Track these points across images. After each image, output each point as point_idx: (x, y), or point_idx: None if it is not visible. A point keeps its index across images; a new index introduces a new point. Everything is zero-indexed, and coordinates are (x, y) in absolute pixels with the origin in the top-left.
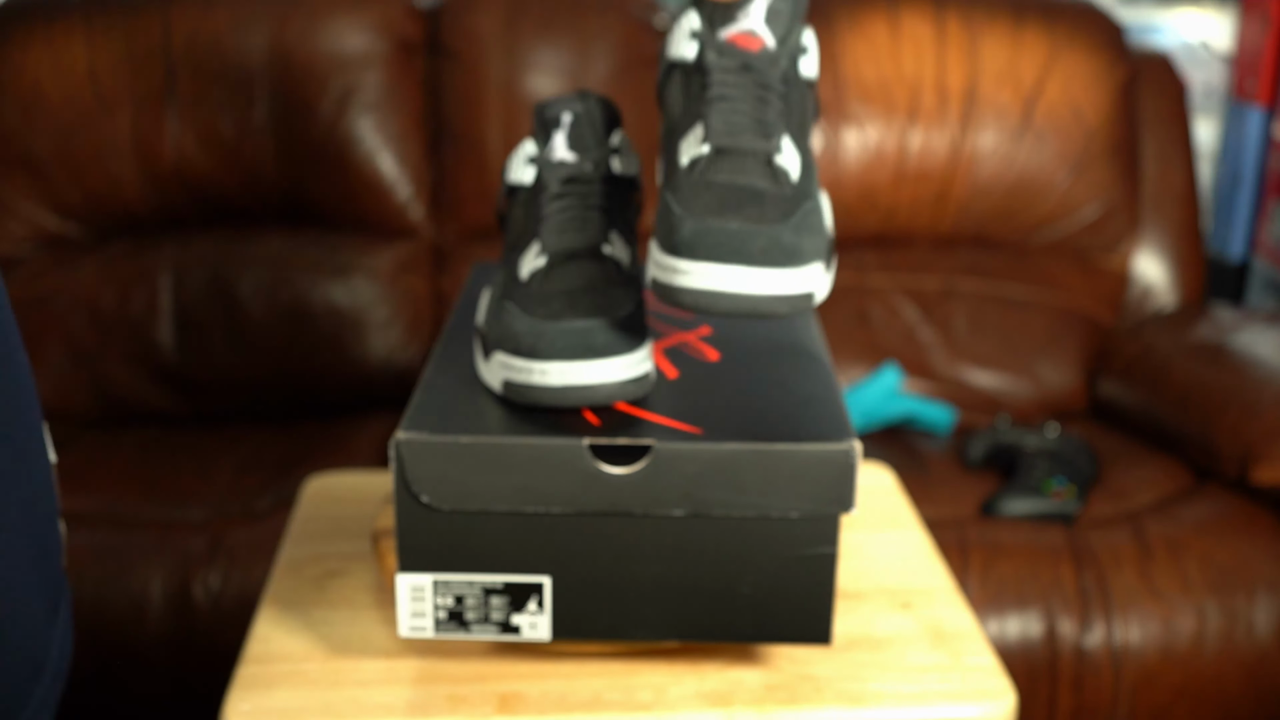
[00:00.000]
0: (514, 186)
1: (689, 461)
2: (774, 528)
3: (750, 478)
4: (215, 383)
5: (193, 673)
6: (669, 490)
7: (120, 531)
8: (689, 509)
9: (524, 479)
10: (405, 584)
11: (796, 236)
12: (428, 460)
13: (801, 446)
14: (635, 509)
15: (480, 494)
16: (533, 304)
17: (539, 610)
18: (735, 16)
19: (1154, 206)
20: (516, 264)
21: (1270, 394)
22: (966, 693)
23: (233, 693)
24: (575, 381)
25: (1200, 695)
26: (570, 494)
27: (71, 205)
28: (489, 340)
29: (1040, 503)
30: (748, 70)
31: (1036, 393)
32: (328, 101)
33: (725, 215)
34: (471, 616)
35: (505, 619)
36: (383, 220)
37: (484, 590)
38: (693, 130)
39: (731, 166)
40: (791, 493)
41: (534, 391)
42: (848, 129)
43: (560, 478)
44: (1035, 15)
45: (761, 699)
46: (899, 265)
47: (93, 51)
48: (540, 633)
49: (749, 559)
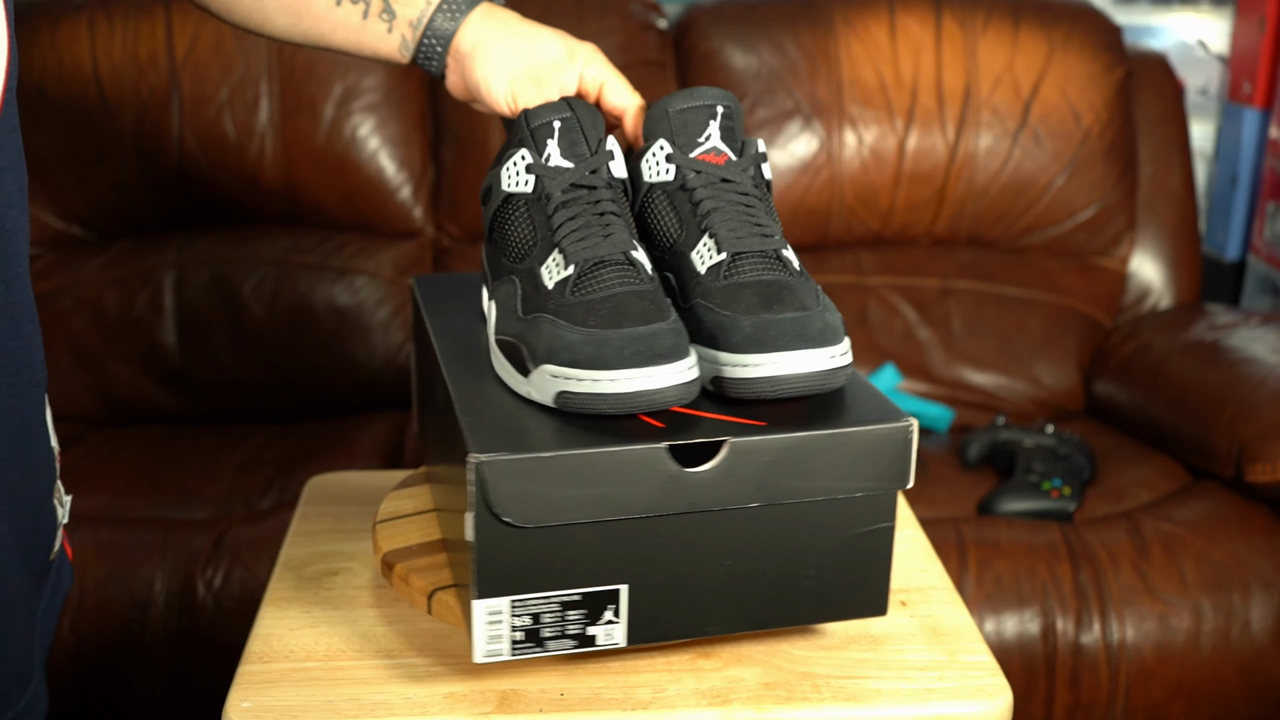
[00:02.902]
0: (510, 195)
1: (762, 453)
2: (839, 509)
3: (820, 463)
4: (218, 382)
5: (195, 670)
6: (744, 484)
7: (123, 530)
8: (763, 500)
9: (606, 488)
10: (482, 610)
11: (833, 315)
12: (510, 479)
13: (866, 428)
14: (711, 505)
15: (564, 508)
16: (577, 314)
17: (616, 618)
18: (698, 141)
19: (1151, 207)
20: (536, 275)
21: (1266, 393)
22: (964, 690)
23: (234, 690)
24: (643, 387)
25: (1196, 692)
26: (651, 498)
27: (75, 206)
28: (532, 354)
29: (1037, 501)
30: (726, 182)
31: (1034, 392)
32: (329, 103)
33: (774, 309)
34: (548, 633)
35: (581, 631)
36: (384, 221)
37: (561, 605)
38: (701, 242)
39: (752, 266)
40: (857, 473)
41: (597, 400)
42: (846, 130)
43: (641, 483)
44: (1032, 17)
45: (760, 697)
46: (897, 266)
47: (96, 53)
48: (616, 640)
49: (815, 542)
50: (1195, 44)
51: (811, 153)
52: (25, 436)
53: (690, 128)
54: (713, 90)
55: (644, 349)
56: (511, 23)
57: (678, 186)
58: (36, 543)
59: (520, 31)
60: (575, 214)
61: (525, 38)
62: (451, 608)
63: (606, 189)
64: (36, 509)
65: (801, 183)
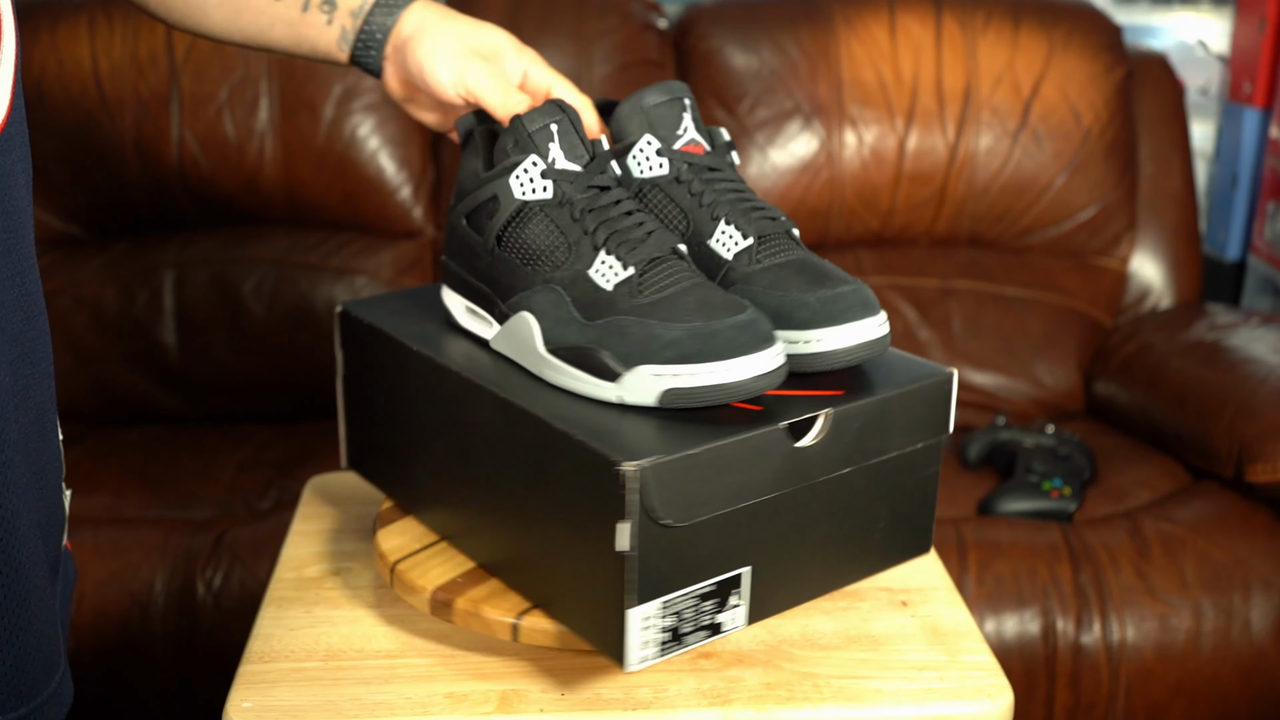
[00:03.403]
0: (526, 204)
1: (855, 418)
2: (904, 462)
3: (896, 421)
4: (217, 382)
5: (195, 670)
6: (841, 450)
7: (123, 530)
8: (855, 463)
9: (741, 475)
10: (637, 617)
11: (868, 288)
12: (668, 481)
13: (924, 383)
14: (817, 476)
15: (708, 501)
16: (662, 311)
17: (739, 602)
18: (677, 134)
19: (1151, 207)
20: (586, 280)
21: (1266, 393)
22: (964, 691)
23: (235, 690)
24: (752, 373)
25: (1196, 692)
26: (774, 478)
27: (75, 206)
28: (620, 357)
29: (1038, 501)
30: (713, 171)
31: (1034, 392)
32: (329, 103)
33: (827, 284)
34: (687, 628)
35: (712, 620)
36: (384, 221)
37: (698, 597)
38: (719, 229)
39: (777, 248)
40: (918, 426)
41: (709, 392)
42: (846, 130)
43: (767, 465)
44: (1033, 16)
45: (760, 697)
46: (897, 266)
47: (96, 53)
48: (739, 624)
49: (887, 496)
50: (1195, 44)
51: (811, 153)
52: (43, 427)
53: (667, 121)
54: (675, 83)
55: (750, 337)
56: (454, 12)
57: (672, 179)
58: (50, 534)
59: (463, 19)
60: (606, 216)
61: (468, 23)
62: (545, 630)
63: (619, 188)
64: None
65: (801, 183)
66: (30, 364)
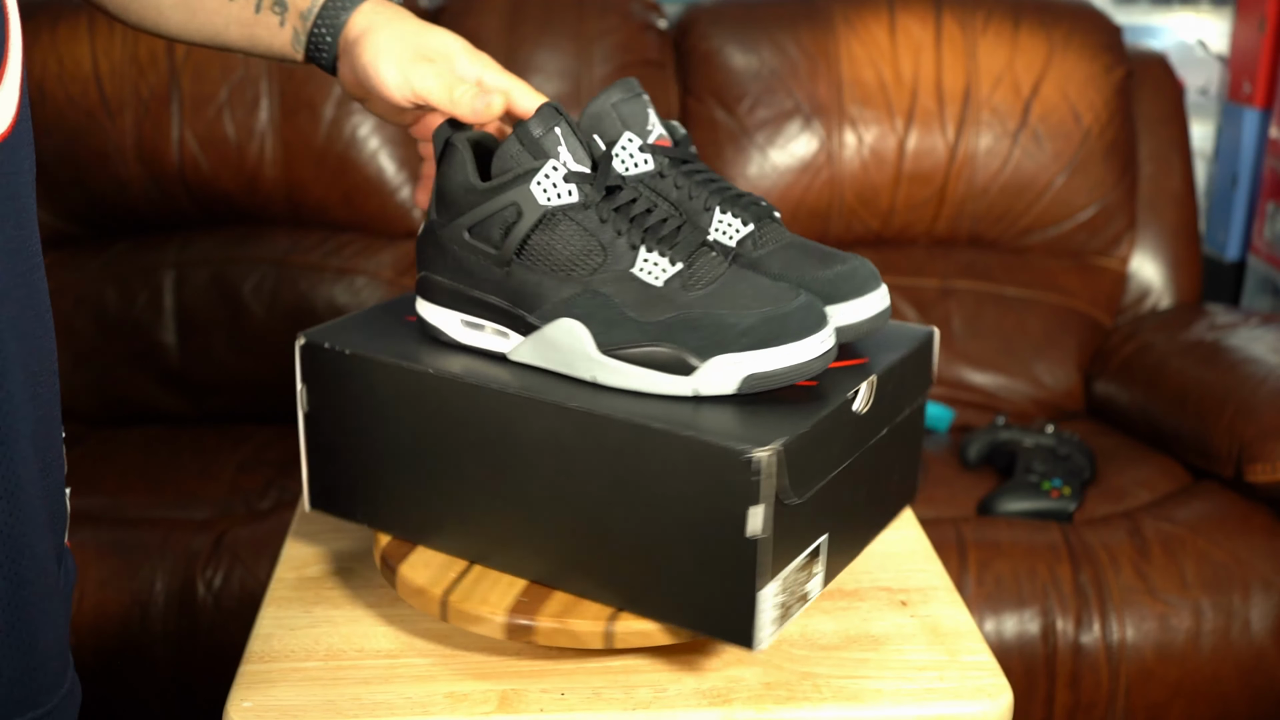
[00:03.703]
0: (550, 211)
1: (890, 380)
2: (910, 418)
3: (909, 382)
4: (218, 382)
5: (195, 670)
6: (881, 413)
7: (124, 530)
8: (887, 424)
9: (831, 447)
10: (768, 596)
11: (869, 261)
12: (794, 460)
13: (922, 341)
14: (869, 440)
15: (816, 476)
16: (725, 301)
17: (819, 569)
18: (647, 129)
19: (1151, 207)
20: (633, 279)
21: (1266, 393)
22: (964, 690)
23: (235, 690)
24: (820, 351)
25: (1196, 692)
26: (847, 444)
27: (75, 206)
28: (696, 350)
29: (1037, 501)
30: (685, 163)
31: (1034, 392)
32: (329, 103)
33: (834, 262)
34: (793, 600)
35: (803, 589)
36: (384, 221)
37: (797, 570)
38: (716, 218)
39: (772, 232)
40: (917, 384)
41: (789, 373)
42: (846, 130)
43: (841, 434)
44: (1032, 17)
45: (760, 697)
46: (897, 266)
47: (96, 53)
48: (817, 591)
49: (898, 452)
50: (1195, 44)
51: (811, 153)
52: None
53: (636, 118)
54: (631, 80)
55: (814, 319)
56: (405, 13)
57: (656, 174)
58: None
59: (413, 21)
60: (632, 214)
61: (417, 26)
62: (641, 631)
63: (625, 187)
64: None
65: (801, 183)
66: (38, 361)
